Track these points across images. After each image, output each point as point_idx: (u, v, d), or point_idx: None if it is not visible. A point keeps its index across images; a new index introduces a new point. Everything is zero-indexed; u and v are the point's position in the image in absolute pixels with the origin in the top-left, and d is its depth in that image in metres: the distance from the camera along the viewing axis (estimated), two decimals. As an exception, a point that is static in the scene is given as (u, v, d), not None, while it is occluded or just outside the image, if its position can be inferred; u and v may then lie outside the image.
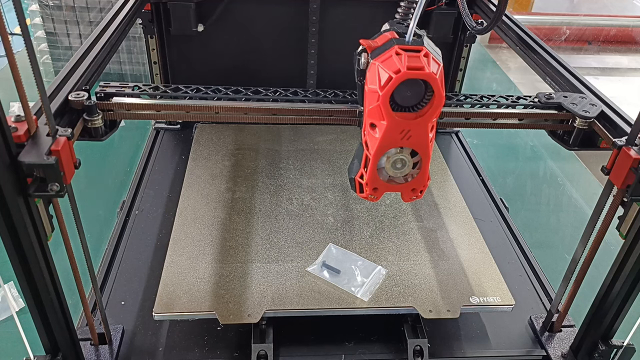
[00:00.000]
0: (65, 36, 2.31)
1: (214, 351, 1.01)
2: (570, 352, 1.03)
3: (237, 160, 1.43)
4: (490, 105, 1.00)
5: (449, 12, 1.59)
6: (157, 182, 1.46)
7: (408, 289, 1.06)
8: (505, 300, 1.05)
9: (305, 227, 1.21)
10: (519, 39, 1.25)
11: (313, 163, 1.44)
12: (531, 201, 1.84)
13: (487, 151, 2.08)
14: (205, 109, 0.94)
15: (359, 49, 0.77)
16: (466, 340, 1.07)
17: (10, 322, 1.26)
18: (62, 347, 0.85)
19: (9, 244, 0.69)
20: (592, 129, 0.96)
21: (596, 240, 0.94)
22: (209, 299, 1.01)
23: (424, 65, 0.70)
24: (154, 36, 1.57)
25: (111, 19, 1.12)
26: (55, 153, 0.67)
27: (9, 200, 0.64)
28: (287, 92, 0.98)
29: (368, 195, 0.83)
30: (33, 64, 0.63)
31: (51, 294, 0.78)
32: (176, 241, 1.14)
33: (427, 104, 0.74)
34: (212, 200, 1.27)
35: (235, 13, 1.57)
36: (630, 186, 0.81)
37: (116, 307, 1.08)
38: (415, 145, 0.77)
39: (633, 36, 3.82)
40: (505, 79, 2.94)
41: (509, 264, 1.26)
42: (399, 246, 1.17)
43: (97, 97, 0.90)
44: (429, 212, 1.29)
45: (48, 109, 0.68)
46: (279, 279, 1.06)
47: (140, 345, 1.01)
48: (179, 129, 1.71)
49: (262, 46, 1.63)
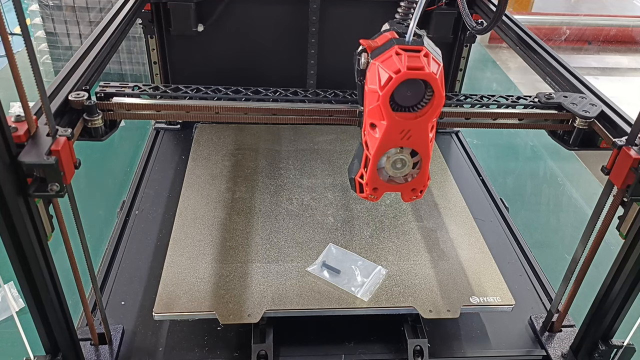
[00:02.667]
0: (65, 36, 2.31)
1: (214, 351, 1.01)
2: (570, 352, 1.03)
3: (237, 161, 1.43)
4: (490, 105, 1.00)
5: (449, 12, 1.59)
6: (157, 182, 1.46)
7: (408, 289, 1.06)
8: (505, 300, 1.05)
9: (305, 227, 1.21)
10: (519, 39, 1.25)
11: (313, 163, 1.44)
12: (531, 201, 1.84)
13: (487, 151, 2.08)
14: (205, 109, 0.94)
15: (359, 49, 0.77)
16: (466, 340, 1.07)
17: (10, 322, 1.26)
18: (62, 347, 0.85)
19: (9, 244, 0.69)
20: (592, 129, 0.96)
21: (596, 240, 0.94)
22: (209, 299, 1.01)
23: (424, 65, 0.70)
24: (154, 36, 1.57)
25: (111, 19, 1.12)
26: (55, 153, 0.67)
27: (9, 200, 0.64)
28: (287, 92, 0.98)
29: (368, 195, 0.83)
30: (33, 64, 0.63)
31: (51, 294, 0.78)
32: (176, 241, 1.14)
33: (427, 104, 0.74)
34: (212, 200, 1.27)
35: (235, 13, 1.57)
36: (630, 186, 0.81)
37: (116, 307, 1.08)
38: (415, 145, 0.77)
39: (633, 36, 3.82)
40: (505, 79, 2.94)
41: (509, 264, 1.26)
42: (399, 246, 1.17)
43: (97, 97, 0.90)
44: (429, 212, 1.29)
45: (48, 109, 0.68)
46: (279, 279, 1.06)
47: (140, 345, 1.01)
48: (179, 129, 1.71)
49: (262, 46, 1.63)
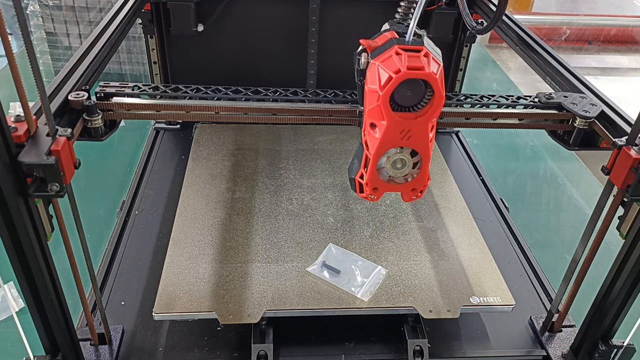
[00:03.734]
0: (65, 36, 2.31)
1: (214, 351, 1.01)
2: (571, 352, 1.03)
3: (237, 160, 1.43)
4: (490, 105, 1.00)
5: (449, 12, 1.59)
6: (157, 182, 1.46)
7: (408, 289, 1.06)
8: (506, 300, 1.05)
9: (305, 227, 1.21)
10: (519, 39, 1.25)
11: (313, 163, 1.44)
12: (531, 201, 1.84)
13: (487, 151, 2.08)
14: (205, 109, 0.94)
15: (359, 49, 0.77)
16: (466, 340, 1.07)
17: (10, 322, 1.26)
18: (62, 347, 0.84)
19: (9, 244, 0.69)
20: (592, 129, 0.96)
21: (596, 240, 0.94)
22: (208, 299, 1.01)
23: (424, 65, 0.70)
24: (154, 36, 1.57)
25: (111, 19, 1.12)
26: (55, 153, 0.67)
27: (9, 200, 0.64)
28: (287, 92, 0.98)
29: (368, 195, 0.83)
30: (33, 64, 0.63)
31: (51, 294, 0.78)
32: (176, 241, 1.14)
33: (427, 104, 0.74)
34: (212, 200, 1.27)
35: (235, 13, 1.57)
36: (630, 186, 0.81)
37: (116, 307, 1.08)
38: (415, 145, 0.77)
39: (633, 36, 3.82)
40: (505, 79, 2.94)
41: (509, 264, 1.26)
42: (399, 246, 1.17)
43: (97, 97, 0.90)
44: (429, 212, 1.29)
45: (48, 109, 0.68)
46: (279, 279, 1.06)
47: (140, 345, 1.01)
48: (179, 129, 1.71)
49: (262, 46, 1.63)
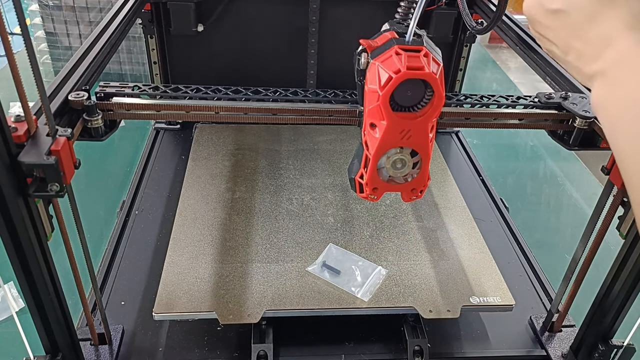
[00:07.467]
0: (65, 36, 2.31)
1: (214, 351, 1.01)
2: (571, 352, 1.03)
3: (237, 160, 1.43)
4: (490, 105, 1.00)
5: (449, 12, 1.59)
6: (157, 182, 1.46)
7: (408, 289, 1.06)
8: (506, 300, 1.05)
9: (305, 227, 1.21)
10: (519, 39, 1.25)
11: (313, 163, 1.44)
12: (531, 201, 1.83)
13: (487, 151, 2.08)
14: (205, 109, 0.94)
15: (359, 49, 0.77)
16: (466, 340, 1.07)
17: (10, 322, 1.26)
18: (62, 347, 0.84)
19: (9, 244, 0.69)
20: (592, 129, 0.96)
21: (596, 240, 0.94)
22: (209, 299, 1.01)
23: (424, 65, 0.70)
24: (154, 36, 1.57)
25: (111, 19, 1.12)
26: (55, 153, 0.66)
27: (9, 200, 0.64)
28: (287, 92, 0.98)
29: (368, 195, 0.82)
30: (33, 64, 0.63)
31: (51, 294, 0.78)
32: (176, 241, 1.14)
33: (427, 104, 0.74)
34: (212, 200, 1.27)
35: (235, 13, 1.57)
36: (630, 186, 0.81)
37: (116, 307, 1.08)
38: (415, 145, 0.77)
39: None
40: (505, 79, 2.94)
41: (509, 264, 1.26)
42: (399, 246, 1.17)
43: (97, 97, 0.90)
44: (429, 212, 1.29)
45: (48, 109, 0.68)
46: (279, 279, 1.06)
47: (140, 345, 1.01)
48: (179, 129, 1.71)
49: (262, 46, 1.63)
